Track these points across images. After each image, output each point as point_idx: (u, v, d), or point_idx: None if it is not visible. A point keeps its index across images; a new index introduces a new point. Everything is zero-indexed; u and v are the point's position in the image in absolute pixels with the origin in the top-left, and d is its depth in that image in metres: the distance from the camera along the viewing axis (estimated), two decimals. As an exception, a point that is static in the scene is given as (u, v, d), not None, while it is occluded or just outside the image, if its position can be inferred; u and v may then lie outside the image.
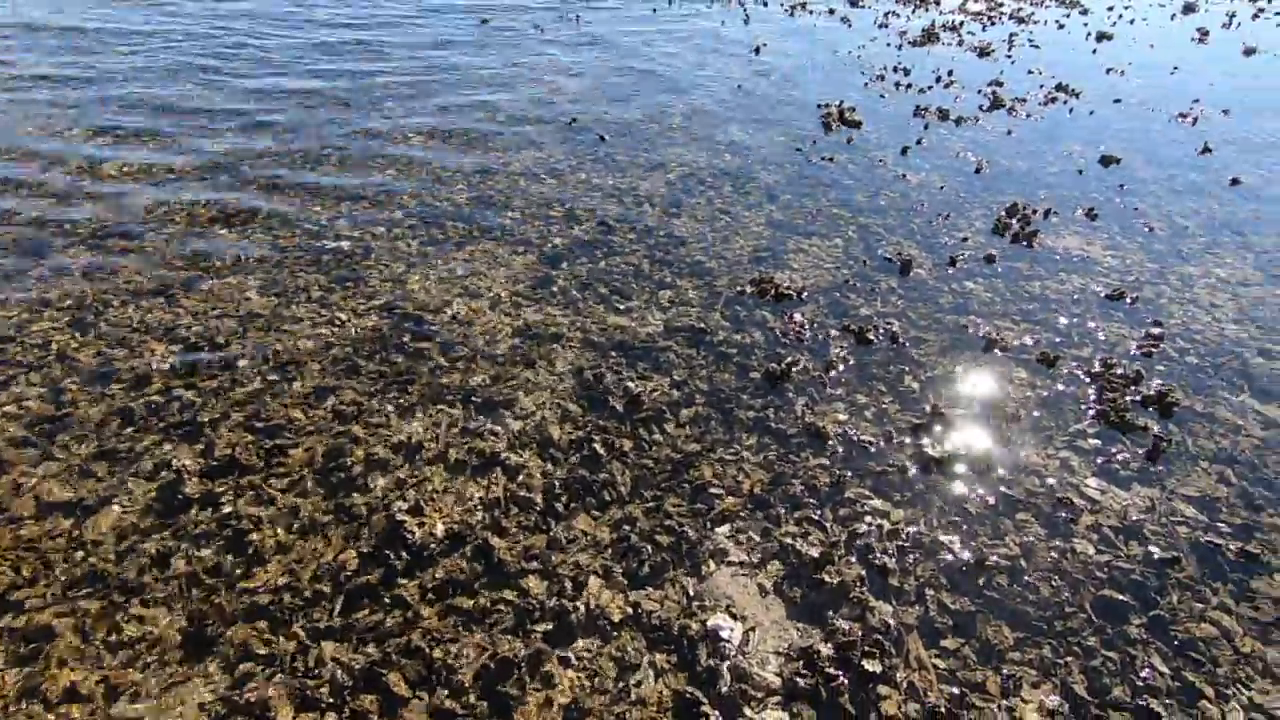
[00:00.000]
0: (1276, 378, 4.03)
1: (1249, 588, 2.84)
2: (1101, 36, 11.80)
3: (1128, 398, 3.76)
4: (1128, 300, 4.64)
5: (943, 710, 2.34)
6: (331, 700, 2.28)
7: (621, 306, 4.39)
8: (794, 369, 3.84)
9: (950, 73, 9.41)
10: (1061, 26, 12.47)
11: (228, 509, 2.91)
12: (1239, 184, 6.49)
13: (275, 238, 4.83)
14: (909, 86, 8.85)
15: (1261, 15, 14.38)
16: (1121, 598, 2.77)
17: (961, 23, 12.37)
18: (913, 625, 2.63)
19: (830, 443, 3.41)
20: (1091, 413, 3.69)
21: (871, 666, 2.43)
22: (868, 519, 3.03)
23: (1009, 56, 10.40)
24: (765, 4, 13.16)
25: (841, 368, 3.92)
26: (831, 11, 12.78)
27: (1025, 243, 5.26)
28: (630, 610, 2.62)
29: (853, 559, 2.84)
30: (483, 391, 3.64)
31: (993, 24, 12.48)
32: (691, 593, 2.70)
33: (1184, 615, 2.72)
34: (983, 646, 2.58)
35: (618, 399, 3.60)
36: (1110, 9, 14.12)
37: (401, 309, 4.22)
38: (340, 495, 3.02)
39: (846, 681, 2.40)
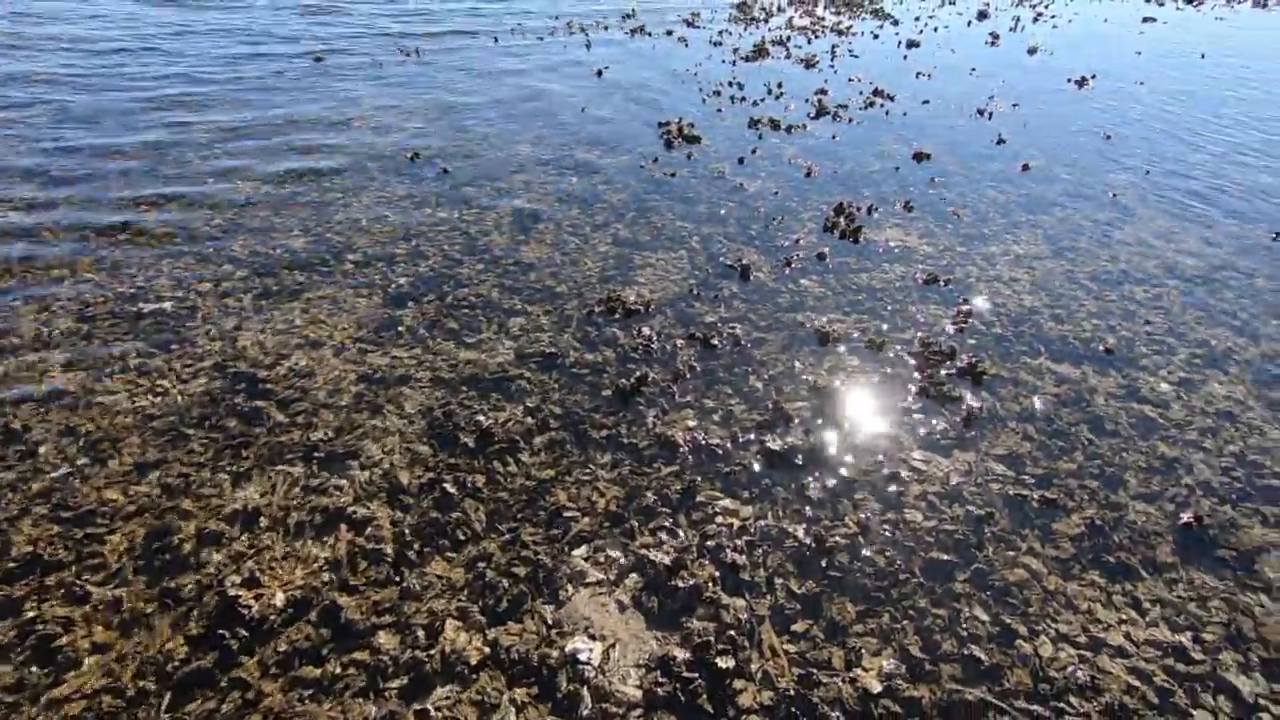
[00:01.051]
0: (1066, 338, 4.55)
1: (1051, 530, 3.18)
2: (911, 44, 12.94)
3: (944, 372, 4.13)
4: (942, 283, 5.10)
5: (793, 693, 2.46)
6: (159, 805, 2.10)
7: (471, 340, 4.34)
8: (644, 382, 3.94)
9: (780, 84, 10.01)
10: (876, 37, 13.57)
11: (31, 614, 2.63)
12: (1028, 169, 7.29)
13: (83, 306, 4.43)
14: (743, 100, 9.33)
15: (1041, 19, 16.27)
16: (947, 557, 3.03)
17: (789, 38, 13.20)
18: (764, 615, 2.75)
19: (681, 450, 3.52)
20: (915, 390, 4.02)
21: (725, 663, 2.52)
22: (718, 519, 3.14)
23: (832, 67, 11.19)
24: (606, 29, 13.48)
25: (689, 375, 4.06)
26: (669, 33, 13.28)
27: (852, 239, 5.67)
28: (489, 649, 2.59)
29: (705, 561, 2.94)
30: (326, 445, 3.49)
31: (817, 37, 13.39)
32: (550, 620, 2.69)
33: (999, 564, 3.00)
34: (829, 625, 2.74)
35: (469, 434, 3.56)
36: (917, 19, 15.52)
37: (234, 368, 3.97)
38: (167, 579, 2.80)
39: (703, 682, 2.48)
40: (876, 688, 2.48)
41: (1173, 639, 2.74)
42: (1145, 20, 16.52)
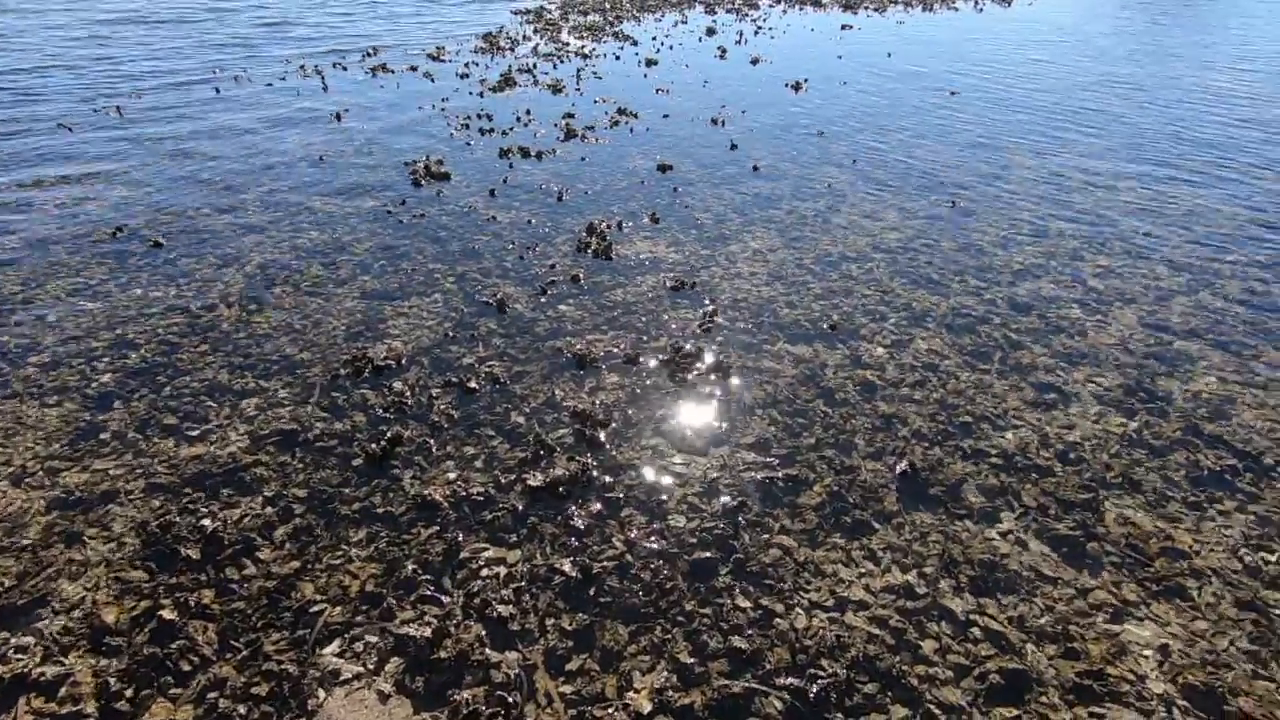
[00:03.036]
0: (799, 321, 4.99)
1: (797, 504, 3.44)
2: (650, 63, 13.72)
3: (694, 374, 4.34)
4: (689, 287, 5.38)
5: (568, 737, 2.40)
6: None
7: (196, 432, 3.85)
8: (398, 442, 3.72)
9: (529, 111, 10.13)
10: (618, 58, 14.22)
11: None
12: (759, 169, 7.99)
13: None
14: (493, 130, 9.31)
15: (761, 32, 18.04)
16: (708, 554, 3.15)
17: (535, 65, 13.42)
18: (537, 663, 2.67)
19: (442, 508, 3.35)
20: (670, 396, 4.18)
21: (496, 727, 2.41)
22: (484, 572, 3.02)
23: (578, 90, 11.54)
24: (345, 69, 12.83)
25: (447, 425, 3.91)
26: (414, 68, 12.93)
27: (604, 256, 5.83)
28: (224, 792, 2.26)
29: (471, 621, 2.81)
30: (3, 599, 2.88)
31: (562, 63, 13.75)
32: (300, 736, 2.42)
33: (755, 549, 3.18)
34: (603, 654, 2.72)
35: (192, 544, 3.13)
36: (654, 39, 16.51)
37: None
38: None
39: (474, 754, 2.35)
40: (648, 707, 2.50)
41: (902, 580, 3.06)
42: (844, 27, 18.92)
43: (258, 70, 12.29)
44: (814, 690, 2.56)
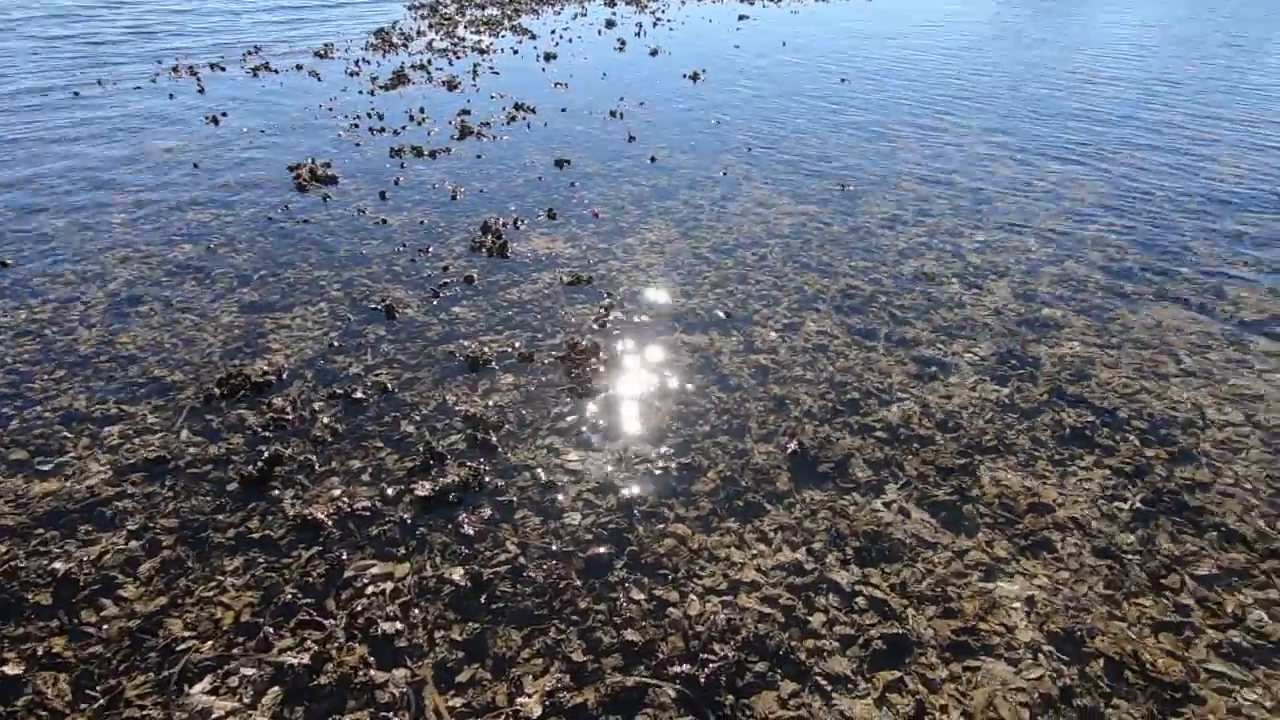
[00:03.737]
0: (695, 310, 5.04)
1: (691, 492, 3.46)
2: (548, 57, 13.57)
3: (589, 369, 4.32)
4: (586, 282, 5.35)
5: (456, 751, 2.34)
6: None
7: (49, 466, 3.55)
8: (277, 462, 3.54)
9: (422, 109, 9.84)
10: (516, 53, 14.00)
11: None
12: (655, 161, 8.02)
13: None
14: (383, 130, 9.00)
15: (659, 23, 18.14)
16: (603, 550, 3.13)
17: (430, 61, 13.06)
18: (426, 678, 2.59)
19: (325, 527, 3.21)
20: (565, 393, 4.15)
21: (379, 750, 2.32)
22: (369, 590, 2.91)
23: (474, 86, 11.30)
24: (224, 69, 12.12)
25: (331, 439, 3.74)
26: (299, 67, 12.35)
27: (500, 255, 5.72)
28: None
29: (355, 642, 2.70)
30: None
31: (459, 58, 13.43)
32: (165, 784, 2.26)
33: (649, 540, 3.19)
34: (495, 662, 2.67)
35: (42, 589, 2.88)
36: (553, 33, 16.34)
37: None
38: None
39: (357, 781, 2.26)
40: (538, 711, 2.46)
41: (792, 557, 3.13)
42: (741, 18, 19.26)
43: (125, 74, 11.45)
44: (705, 675, 2.59)
